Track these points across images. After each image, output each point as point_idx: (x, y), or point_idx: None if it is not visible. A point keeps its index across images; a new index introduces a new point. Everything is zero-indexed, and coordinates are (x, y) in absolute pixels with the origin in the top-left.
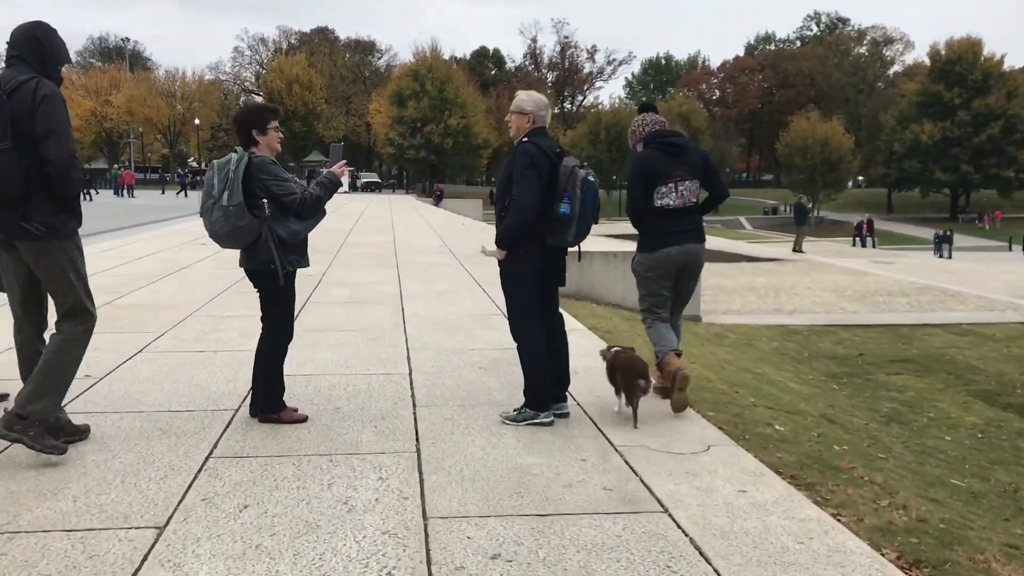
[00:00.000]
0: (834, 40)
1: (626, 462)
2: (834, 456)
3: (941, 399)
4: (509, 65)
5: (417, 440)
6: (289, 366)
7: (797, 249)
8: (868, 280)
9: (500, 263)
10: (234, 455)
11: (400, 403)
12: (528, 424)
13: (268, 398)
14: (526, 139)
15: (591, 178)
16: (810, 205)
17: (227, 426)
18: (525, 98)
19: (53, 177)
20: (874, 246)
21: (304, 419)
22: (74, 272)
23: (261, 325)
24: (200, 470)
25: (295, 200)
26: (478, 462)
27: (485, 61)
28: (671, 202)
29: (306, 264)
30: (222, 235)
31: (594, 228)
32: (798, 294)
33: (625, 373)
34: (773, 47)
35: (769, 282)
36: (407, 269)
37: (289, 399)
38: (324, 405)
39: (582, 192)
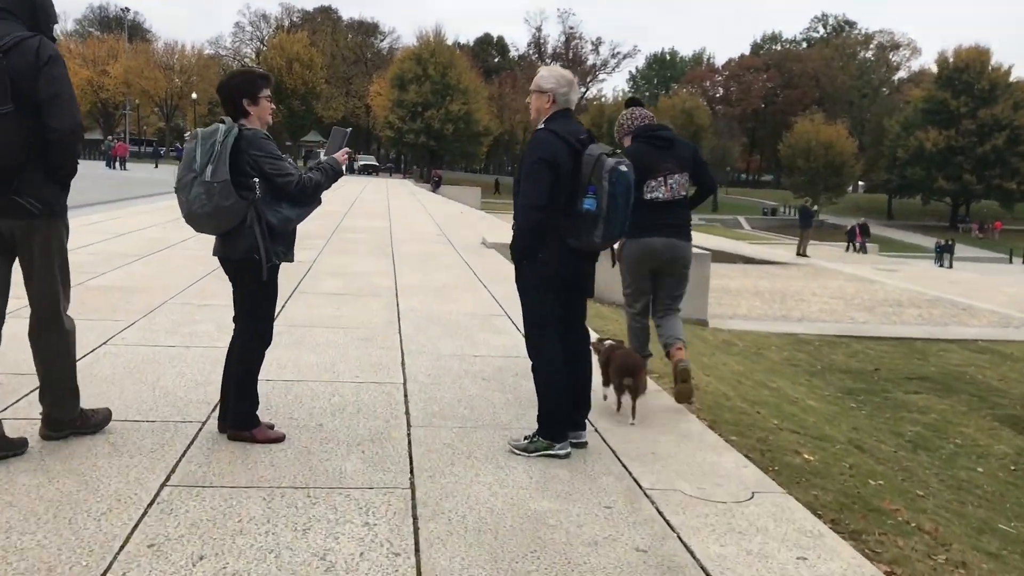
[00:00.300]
0: (840, 43)
1: (659, 512)
2: (872, 494)
3: (966, 423)
4: (513, 53)
5: (412, 472)
6: (267, 369)
7: (801, 253)
8: (876, 289)
9: (516, 267)
10: (194, 483)
11: (392, 421)
12: (541, 456)
13: (240, 412)
14: (542, 126)
15: (622, 167)
16: (815, 208)
17: (190, 443)
18: (545, 74)
19: (56, 146)
20: (864, 251)
21: (281, 438)
22: (60, 259)
23: (235, 324)
24: (152, 503)
25: (291, 182)
26: (484, 506)
27: (488, 48)
28: (660, 195)
29: (291, 258)
30: (201, 215)
31: None
32: (805, 300)
33: (616, 370)
34: (779, 47)
35: (774, 286)
36: (403, 259)
37: (265, 411)
38: (305, 421)
39: (610, 184)
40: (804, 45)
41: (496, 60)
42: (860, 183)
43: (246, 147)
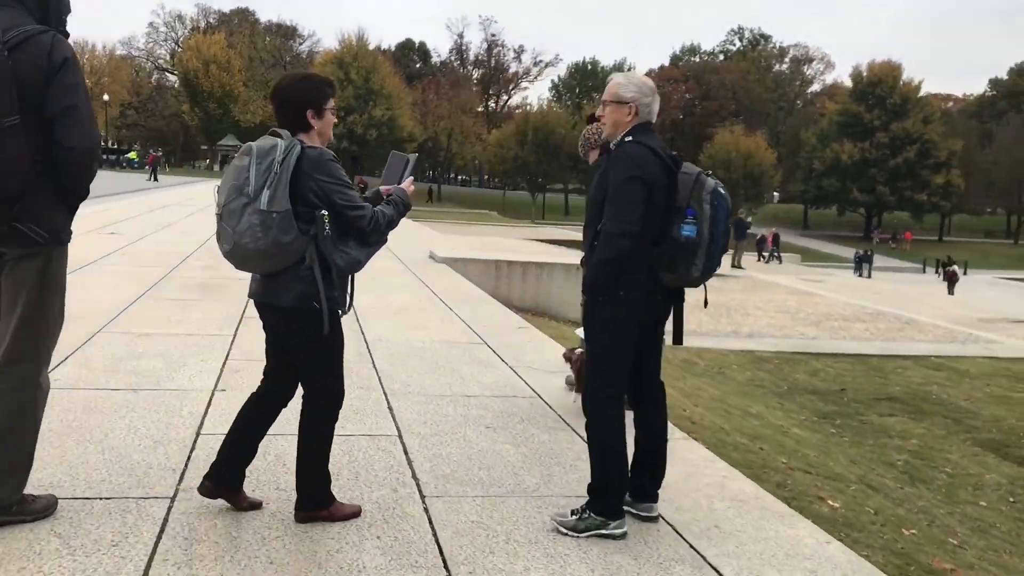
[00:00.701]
0: (756, 56)
1: None
2: (914, 548)
3: (949, 449)
4: (435, 59)
5: (445, 567)
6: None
7: (736, 264)
8: (817, 302)
9: (588, 306)
10: None
11: (401, 490)
12: (592, 535)
13: (317, 489)
14: (630, 138)
15: (721, 189)
16: (749, 220)
17: (161, 531)
18: (623, 81)
19: (69, 168)
20: (780, 260)
21: (358, 512)
22: (59, 296)
23: (265, 379)
24: None
25: (364, 217)
26: None
27: (410, 54)
28: None
29: (346, 308)
30: (252, 252)
31: (536, 232)
32: (750, 314)
33: None
34: (698, 59)
35: (717, 299)
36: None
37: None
38: (293, 487)
39: (712, 208)
40: (721, 58)
41: (418, 66)
42: (775, 193)
43: (310, 170)
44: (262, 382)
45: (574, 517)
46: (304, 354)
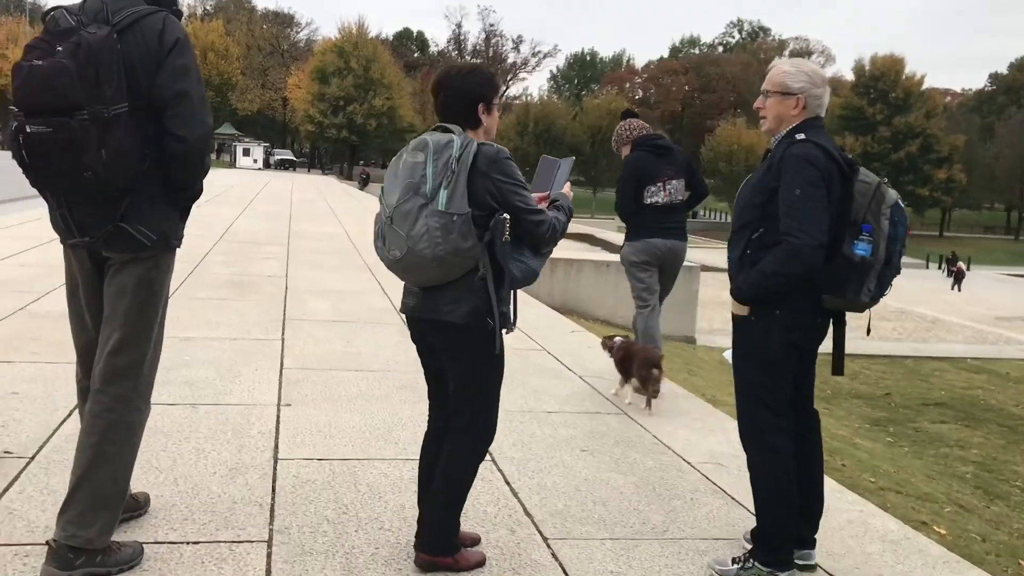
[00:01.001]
0: (756, 48)
1: None
2: None
3: (1014, 460)
4: (433, 49)
5: None
6: (313, 440)
7: None
8: None
9: (736, 326)
10: None
11: (519, 530)
12: None
13: (445, 533)
14: (802, 135)
15: (902, 203)
16: None
17: None
18: (790, 70)
19: (180, 160)
20: None
21: (483, 561)
22: (163, 309)
23: (433, 414)
24: None
25: (543, 223)
26: None
27: (408, 43)
28: (660, 200)
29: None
30: (428, 259)
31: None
32: None
33: (640, 363)
34: (697, 51)
35: None
36: (383, 272)
37: (339, 511)
38: (402, 531)
39: (891, 225)
40: (720, 50)
41: (416, 55)
42: None
43: (487, 169)
44: (431, 420)
45: (735, 566)
46: (467, 377)
